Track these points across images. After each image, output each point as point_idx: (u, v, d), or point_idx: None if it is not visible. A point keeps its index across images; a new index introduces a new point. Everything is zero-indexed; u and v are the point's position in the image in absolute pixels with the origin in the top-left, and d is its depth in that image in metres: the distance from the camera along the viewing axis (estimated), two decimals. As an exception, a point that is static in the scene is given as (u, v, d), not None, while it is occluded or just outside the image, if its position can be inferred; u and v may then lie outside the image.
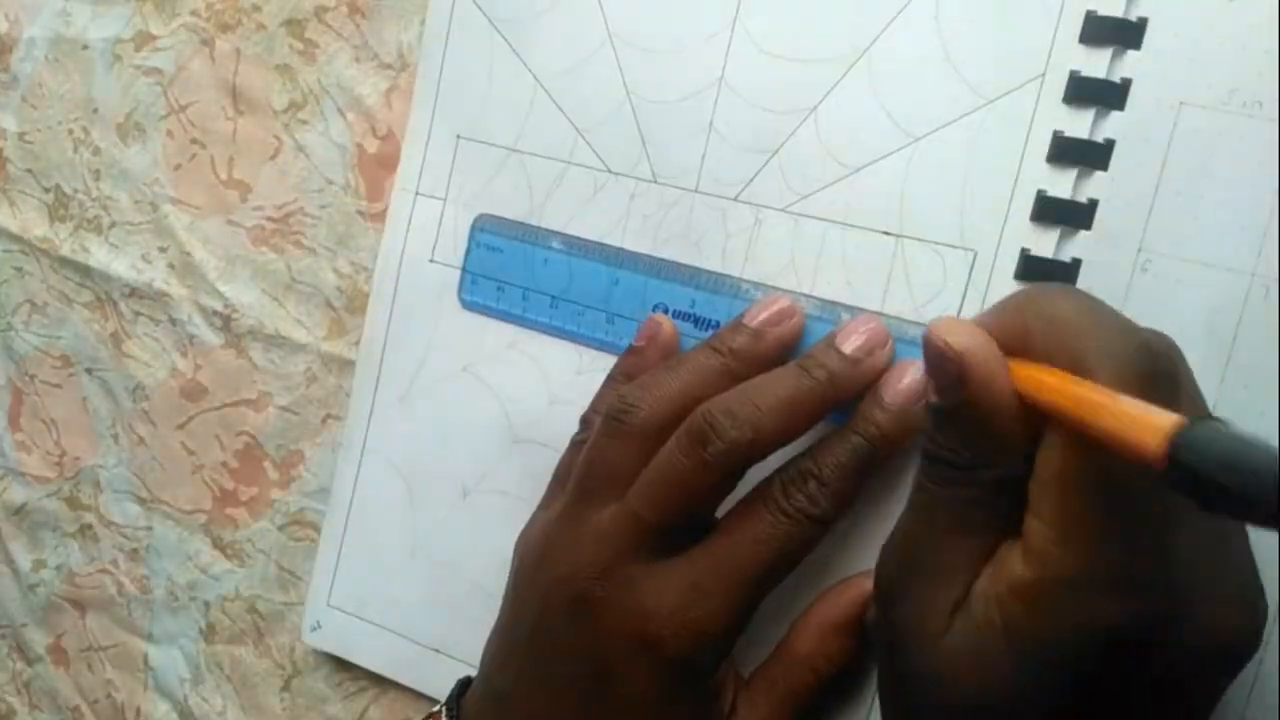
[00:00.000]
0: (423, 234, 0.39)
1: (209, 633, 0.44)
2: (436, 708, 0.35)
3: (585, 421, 0.35)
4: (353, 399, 0.40)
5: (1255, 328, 0.28)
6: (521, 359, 0.37)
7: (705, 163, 0.34)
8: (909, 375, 0.30)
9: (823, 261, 0.33)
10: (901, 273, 0.32)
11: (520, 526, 0.35)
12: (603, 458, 0.31)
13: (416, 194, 0.39)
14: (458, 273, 0.38)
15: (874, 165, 0.32)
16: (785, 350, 0.32)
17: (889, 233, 0.32)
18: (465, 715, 0.34)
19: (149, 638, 0.46)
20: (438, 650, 0.39)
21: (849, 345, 0.31)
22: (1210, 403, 0.27)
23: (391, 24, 0.40)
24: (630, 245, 0.35)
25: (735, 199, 0.34)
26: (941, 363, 0.25)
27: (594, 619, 0.30)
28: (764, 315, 0.32)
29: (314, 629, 0.41)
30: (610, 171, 0.36)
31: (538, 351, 0.37)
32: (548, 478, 0.35)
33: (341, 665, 0.41)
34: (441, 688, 0.36)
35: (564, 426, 0.35)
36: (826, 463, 0.30)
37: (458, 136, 0.38)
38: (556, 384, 0.37)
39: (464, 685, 0.35)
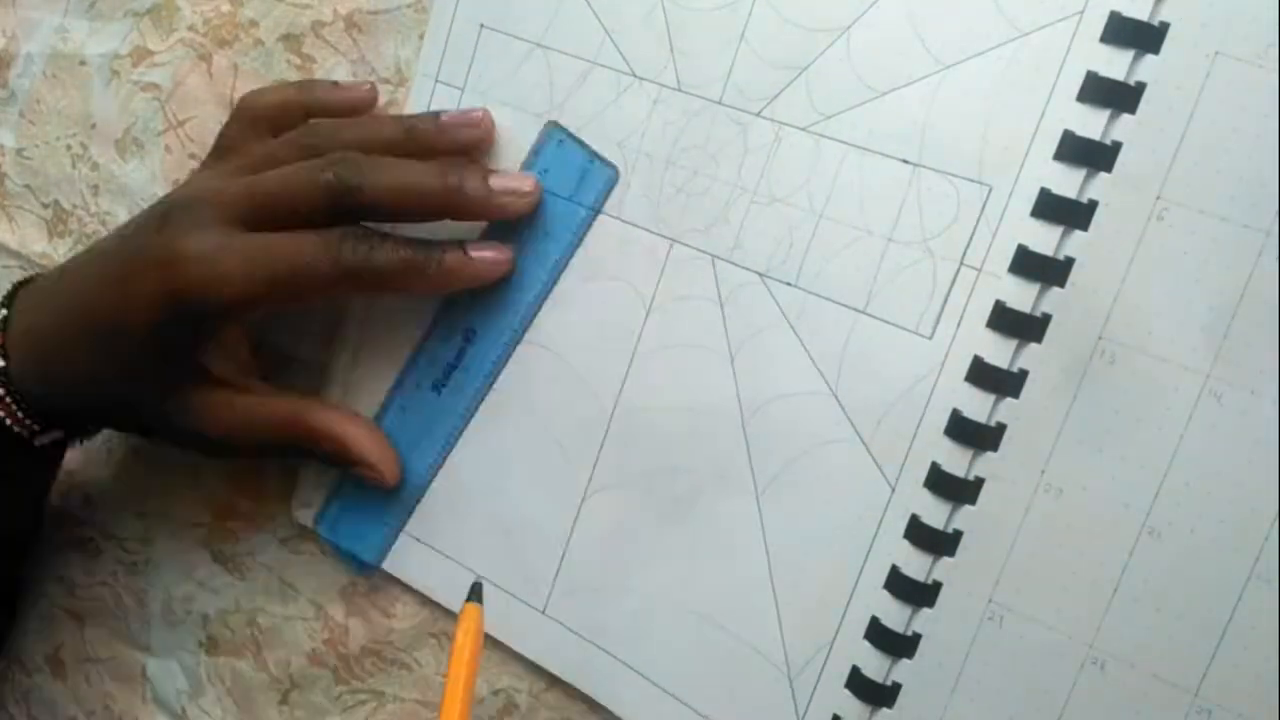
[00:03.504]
0: None
1: (208, 645, 0.44)
2: None
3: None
4: None
5: (1264, 286, 0.28)
6: None
7: (732, 75, 0.34)
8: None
9: (838, 185, 0.33)
10: (915, 203, 0.32)
11: (516, 415, 0.37)
12: (268, 158, 0.37)
13: (436, 80, 0.39)
14: None
15: (900, 91, 0.32)
16: (456, 150, 0.37)
17: (907, 161, 0.32)
18: (19, 296, 0.39)
19: (147, 650, 0.46)
20: (429, 545, 0.39)
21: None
22: (1210, 359, 0.28)
23: (389, 39, 0.40)
24: (648, 150, 0.35)
25: (758, 114, 0.34)
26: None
27: (159, 226, 0.35)
28: (456, 116, 0.37)
29: (305, 506, 0.42)
30: (635, 75, 0.36)
31: None
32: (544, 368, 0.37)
33: (340, 678, 0.41)
34: (430, 583, 0.38)
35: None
36: (393, 238, 0.35)
37: (481, 25, 0.38)
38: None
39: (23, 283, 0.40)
